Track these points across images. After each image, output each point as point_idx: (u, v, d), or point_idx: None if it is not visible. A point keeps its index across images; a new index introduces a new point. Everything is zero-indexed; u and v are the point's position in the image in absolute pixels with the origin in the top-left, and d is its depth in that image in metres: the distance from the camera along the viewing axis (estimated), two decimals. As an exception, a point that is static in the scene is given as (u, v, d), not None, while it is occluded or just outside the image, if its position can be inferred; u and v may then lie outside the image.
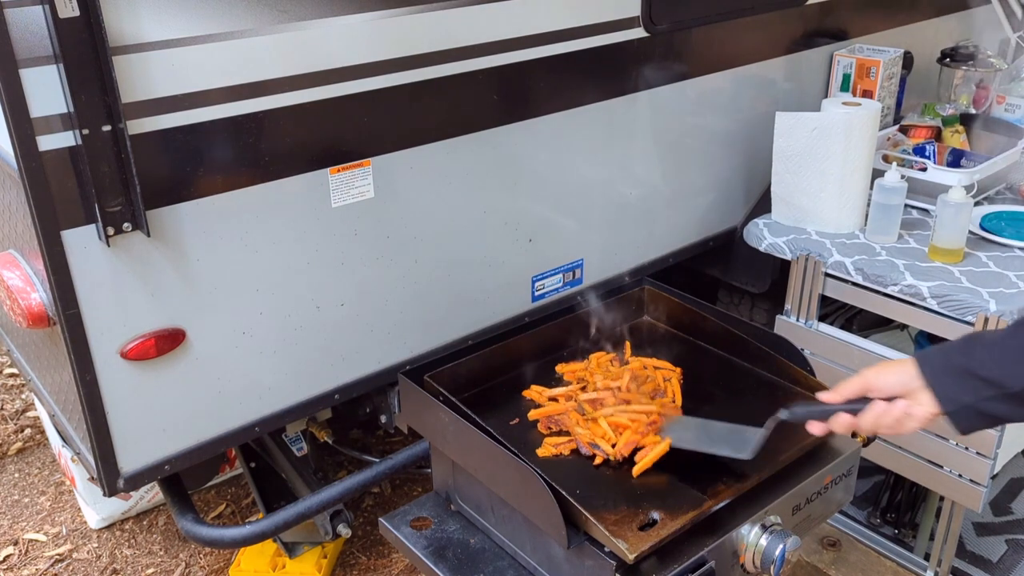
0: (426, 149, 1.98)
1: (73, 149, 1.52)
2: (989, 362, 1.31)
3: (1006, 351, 1.31)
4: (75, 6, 1.42)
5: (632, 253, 2.52)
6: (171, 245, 1.69)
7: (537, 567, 1.65)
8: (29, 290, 1.69)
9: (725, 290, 2.96)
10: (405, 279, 2.06)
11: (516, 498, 1.59)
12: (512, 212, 2.20)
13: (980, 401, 1.30)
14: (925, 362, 1.36)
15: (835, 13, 2.77)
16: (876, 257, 2.32)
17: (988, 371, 1.30)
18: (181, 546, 2.78)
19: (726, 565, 1.55)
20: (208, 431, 1.88)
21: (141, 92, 1.56)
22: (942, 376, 1.34)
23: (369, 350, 2.06)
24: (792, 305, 2.48)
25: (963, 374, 1.32)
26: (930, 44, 3.11)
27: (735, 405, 1.79)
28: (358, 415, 2.33)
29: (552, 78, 2.13)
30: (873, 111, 2.40)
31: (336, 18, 1.75)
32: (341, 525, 2.24)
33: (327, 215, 1.88)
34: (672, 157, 2.51)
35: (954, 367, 1.34)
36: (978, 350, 1.34)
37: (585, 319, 2.04)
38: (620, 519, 1.49)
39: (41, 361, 2.02)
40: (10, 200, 1.74)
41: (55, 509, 2.97)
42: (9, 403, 3.53)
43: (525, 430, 1.76)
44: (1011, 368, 1.28)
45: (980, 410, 1.31)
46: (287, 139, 1.77)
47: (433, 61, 1.91)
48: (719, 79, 2.51)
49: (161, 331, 1.73)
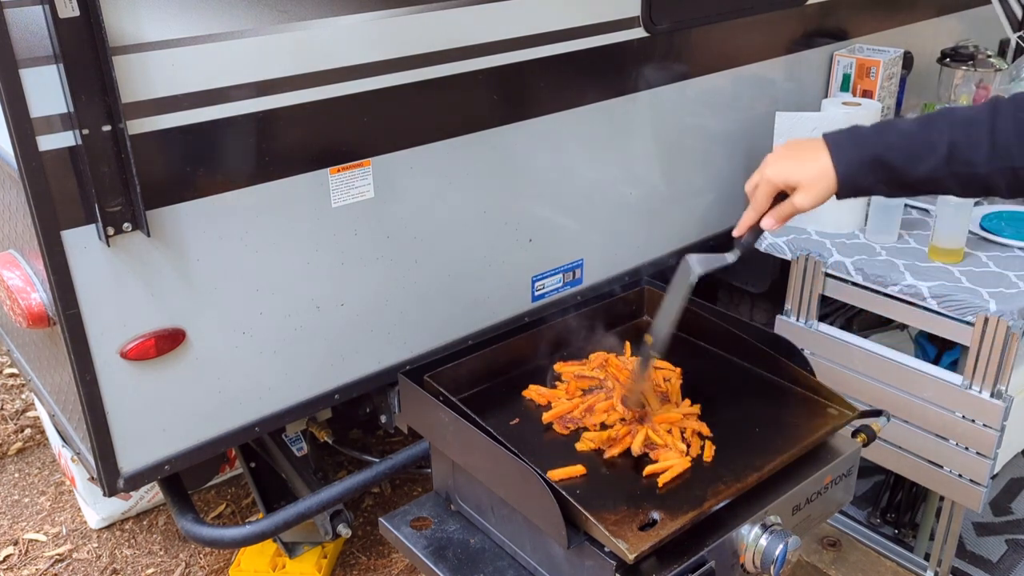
0: (426, 149, 1.98)
1: (73, 149, 1.52)
2: (897, 151, 1.36)
3: (915, 143, 1.36)
4: (75, 6, 1.42)
5: (632, 253, 2.52)
6: (171, 245, 1.69)
7: (537, 567, 1.65)
8: (29, 290, 1.69)
9: (725, 290, 2.96)
10: (405, 279, 2.06)
11: (516, 498, 1.59)
12: (512, 212, 2.20)
13: (873, 184, 1.39)
14: (836, 147, 1.40)
15: (835, 13, 2.77)
16: (876, 257, 2.32)
17: (894, 158, 1.36)
18: (181, 546, 2.78)
19: (726, 565, 1.55)
20: (208, 431, 1.88)
21: (141, 92, 1.56)
22: (849, 162, 1.39)
23: (369, 350, 2.06)
24: (792, 305, 2.48)
25: (872, 161, 1.37)
26: (930, 44, 3.11)
27: (735, 405, 1.79)
28: (358, 415, 2.33)
29: (552, 78, 2.13)
30: (873, 111, 2.40)
31: (336, 18, 1.75)
32: (341, 525, 2.24)
33: (327, 215, 1.88)
34: (672, 157, 2.51)
35: (863, 151, 1.38)
36: (890, 135, 1.38)
37: (585, 319, 2.04)
38: (620, 519, 1.49)
39: (41, 361, 2.02)
40: (10, 200, 1.74)
41: (55, 509, 2.97)
42: (9, 403, 3.53)
43: (525, 430, 1.76)
44: (915, 161, 1.34)
45: (867, 188, 1.40)
46: (287, 139, 1.77)
47: (433, 61, 1.91)
48: (719, 79, 2.51)
49: (161, 331, 1.73)
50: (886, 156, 1.36)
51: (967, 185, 1.34)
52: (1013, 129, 1.30)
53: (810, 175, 1.42)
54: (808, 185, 1.43)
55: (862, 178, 1.39)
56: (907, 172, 1.35)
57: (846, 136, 1.41)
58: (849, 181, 1.39)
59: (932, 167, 1.33)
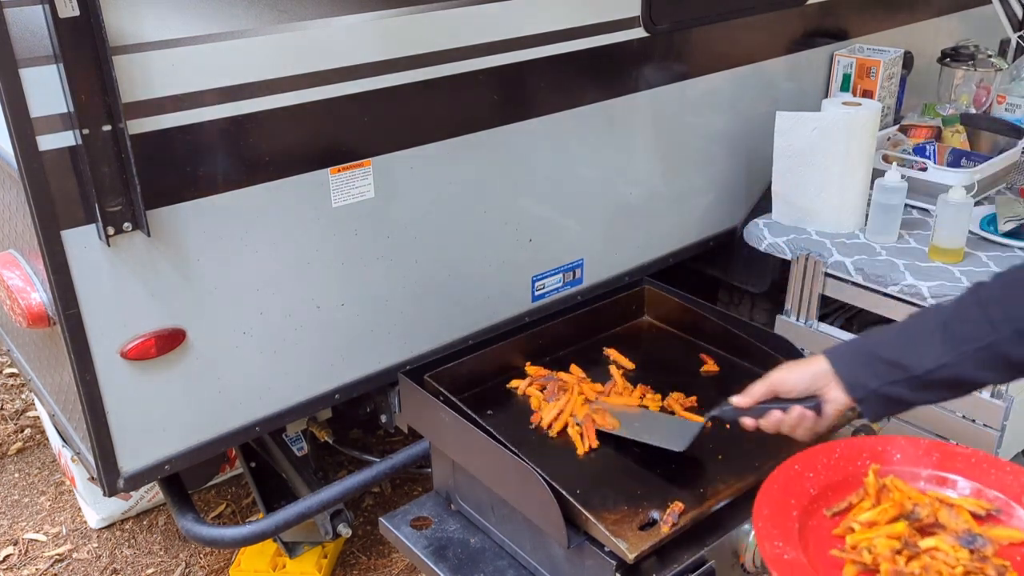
0: (426, 149, 1.98)
1: (73, 149, 1.52)
2: (891, 345, 1.34)
3: (907, 334, 1.35)
4: (75, 6, 1.42)
5: (632, 253, 2.52)
6: (171, 245, 1.69)
7: (537, 567, 1.65)
8: (29, 290, 1.69)
9: (725, 290, 2.96)
10: (405, 279, 2.06)
11: (516, 498, 1.59)
12: (512, 212, 2.20)
13: (885, 385, 1.32)
14: (833, 354, 1.39)
15: (835, 13, 2.77)
16: (876, 257, 2.32)
17: (891, 353, 1.33)
18: (181, 546, 2.78)
19: (726, 565, 1.55)
20: (208, 431, 1.88)
21: (141, 92, 1.56)
22: (850, 364, 1.37)
23: (369, 350, 2.06)
24: (792, 305, 2.48)
25: (868, 359, 1.35)
26: (930, 44, 3.11)
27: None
28: (358, 415, 2.33)
29: (552, 78, 2.13)
30: (873, 111, 2.40)
31: (336, 18, 1.75)
32: (341, 525, 2.24)
33: (327, 215, 1.88)
34: (672, 157, 2.51)
35: (860, 353, 1.37)
36: (882, 335, 1.38)
37: (585, 319, 2.04)
38: (620, 519, 1.49)
39: (41, 361, 2.02)
40: (10, 200, 1.74)
41: (55, 509, 2.97)
42: (9, 403, 3.53)
43: (526, 430, 1.76)
44: (912, 350, 1.32)
45: (886, 395, 1.33)
46: (287, 139, 1.77)
47: (433, 61, 1.91)
48: (719, 79, 2.51)
49: (161, 331, 1.73)
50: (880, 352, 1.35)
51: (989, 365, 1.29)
52: (1000, 292, 1.30)
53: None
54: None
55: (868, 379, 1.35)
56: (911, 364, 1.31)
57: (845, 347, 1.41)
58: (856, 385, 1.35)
59: (936, 353, 1.30)
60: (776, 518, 1.29)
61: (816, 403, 1.38)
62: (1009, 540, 1.24)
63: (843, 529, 1.30)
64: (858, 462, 1.38)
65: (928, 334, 1.32)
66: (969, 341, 1.28)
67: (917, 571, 1.17)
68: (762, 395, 1.44)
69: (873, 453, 1.40)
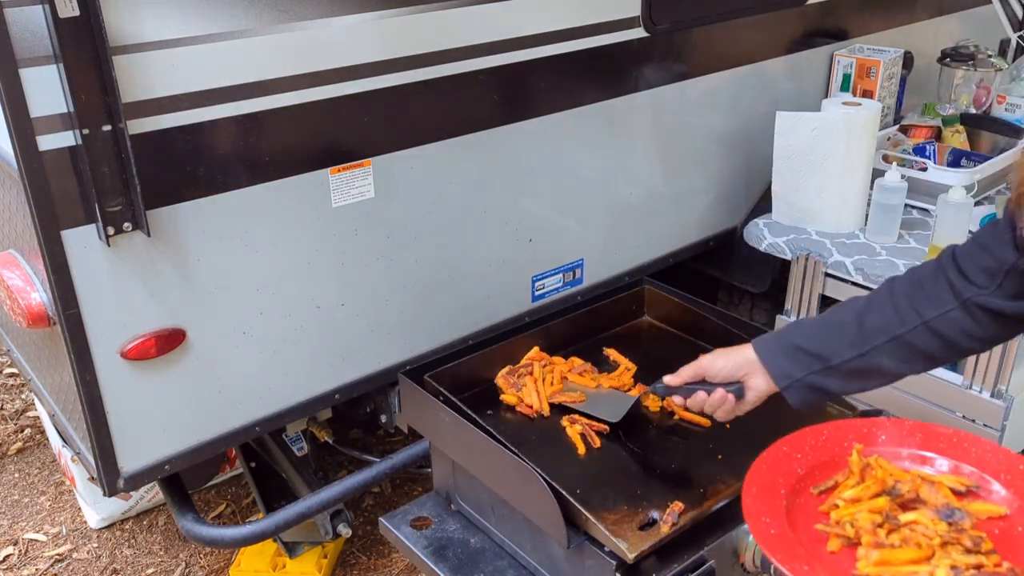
0: (426, 149, 1.98)
1: (73, 149, 1.52)
2: (813, 337, 1.43)
3: (827, 327, 1.43)
4: (75, 6, 1.42)
5: (632, 253, 2.52)
6: (171, 245, 1.69)
7: (537, 567, 1.65)
8: (29, 290, 1.69)
9: (725, 290, 2.96)
10: (405, 279, 2.06)
11: (516, 498, 1.59)
12: (512, 212, 2.20)
13: (809, 375, 1.42)
14: (760, 344, 1.48)
15: (835, 13, 2.77)
16: (876, 257, 2.32)
17: (812, 345, 1.41)
18: (181, 546, 2.78)
19: (726, 565, 1.55)
20: (208, 431, 1.88)
21: (141, 92, 1.56)
22: (776, 354, 1.45)
23: (369, 350, 2.06)
24: (792, 305, 2.48)
25: (792, 350, 1.44)
26: (930, 44, 3.11)
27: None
28: (358, 415, 2.33)
29: (552, 78, 2.13)
30: (873, 111, 2.40)
31: (336, 18, 1.75)
32: (341, 525, 2.24)
33: (327, 215, 1.88)
34: (672, 157, 2.51)
35: (784, 345, 1.45)
36: (804, 327, 1.46)
37: (585, 319, 2.04)
38: (620, 519, 1.49)
39: (41, 361, 2.02)
40: (10, 200, 1.74)
41: (55, 509, 2.97)
42: (9, 403, 3.53)
43: (525, 429, 1.76)
44: (831, 342, 1.40)
45: (810, 384, 1.42)
46: (287, 139, 1.77)
47: (433, 61, 1.91)
48: (719, 79, 2.51)
49: (161, 331, 1.73)
50: (802, 343, 1.43)
51: (899, 356, 1.38)
52: (909, 287, 1.38)
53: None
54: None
55: (791, 369, 1.43)
56: (829, 355, 1.40)
57: (771, 338, 1.49)
58: (782, 374, 1.44)
59: (851, 344, 1.38)
60: (764, 496, 1.33)
61: (739, 388, 1.49)
62: (987, 515, 1.27)
63: (828, 506, 1.34)
64: (844, 443, 1.43)
65: (844, 326, 1.41)
66: (880, 333, 1.37)
67: (897, 542, 1.21)
68: (690, 376, 1.55)
69: (859, 434, 1.45)
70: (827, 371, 1.40)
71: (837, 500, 1.32)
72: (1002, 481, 1.32)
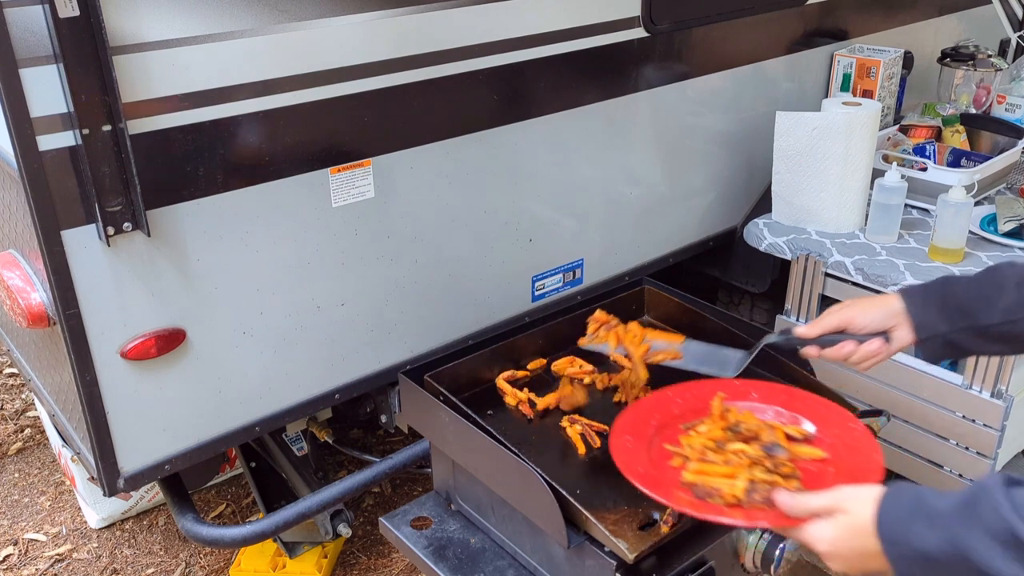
0: (426, 149, 1.98)
1: (73, 149, 1.52)
2: (966, 295, 1.41)
3: (984, 286, 1.41)
4: (75, 6, 1.42)
5: (632, 253, 2.52)
6: (171, 245, 1.69)
7: (537, 567, 1.65)
8: (29, 290, 1.69)
9: (725, 290, 2.96)
10: (405, 279, 2.06)
11: (516, 498, 1.59)
12: (512, 212, 2.20)
13: (952, 332, 1.41)
14: (907, 294, 1.47)
15: (835, 13, 2.77)
16: (876, 257, 2.32)
17: (963, 302, 1.40)
18: (181, 546, 2.78)
19: (726, 565, 1.55)
20: (208, 431, 1.88)
21: (141, 92, 1.56)
22: (922, 306, 1.44)
23: (369, 350, 2.06)
24: (792, 305, 2.48)
25: (941, 304, 1.42)
26: (930, 44, 3.11)
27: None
28: (358, 415, 2.34)
29: (552, 78, 2.13)
30: (873, 111, 2.40)
31: (336, 18, 1.75)
32: (341, 525, 2.24)
33: (327, 215, 1.88)
34: (672, 157, 2.51)
35: (934, 298, 1.44)
36: (958, 283, 1.44)
37: (585, 319, 2.04)
38: (620, 519, 1.49)
39: (41, 361, 2.02)
40: (10, 200, 1.74)
41: (55, 509, 2.97)
42: (9, 403, 3.53)
43: (525, 429, 1.76)
44: (986, 303, 1.39)
45: (950, 340, 1.42)
46: (287, 139, 1.77)
47: (433, 61, 1.91)
48: (719, 79, 2.52)
49: (161, 331, 1.73)
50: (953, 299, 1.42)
51: None
52: None
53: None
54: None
55: (937, 323, 1.42)
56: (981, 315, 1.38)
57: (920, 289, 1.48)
58: (925, 326, 1.43)
59: (1008, 307, 1.37)
60: (635, 423, 1.56)
61: (884, 338, 1.48)
62: (810, 456, 1.45)
63: (684, 436, 1.54)
64: (719, 393, 1.61)
65: (1003, 289, 1.38)
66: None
67: (719, 461, 1.40)
68: (832, 328, 1.52)
69: (734, 390, 1.64)
70: (972, 330, 1.39)
71: (692, 432, 1.53)
72: (830, 435, 1.51)
